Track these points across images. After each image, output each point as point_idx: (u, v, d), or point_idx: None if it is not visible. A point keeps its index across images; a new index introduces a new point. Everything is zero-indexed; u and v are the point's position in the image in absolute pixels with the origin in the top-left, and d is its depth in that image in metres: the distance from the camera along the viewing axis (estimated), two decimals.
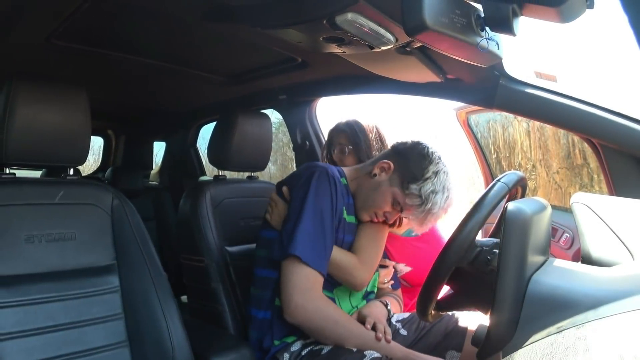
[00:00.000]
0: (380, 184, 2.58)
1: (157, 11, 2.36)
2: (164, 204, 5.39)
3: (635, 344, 1.16)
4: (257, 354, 2.53)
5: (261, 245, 2.70)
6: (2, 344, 1.96)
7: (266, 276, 2.60)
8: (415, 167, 2.51)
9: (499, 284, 1.50)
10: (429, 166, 2.49)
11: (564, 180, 4.64)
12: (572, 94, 2.28)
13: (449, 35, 1.61)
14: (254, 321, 2.62)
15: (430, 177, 2.47)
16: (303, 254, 2.33)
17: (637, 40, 0.88)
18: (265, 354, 2.52)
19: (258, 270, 2.67)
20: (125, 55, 3.11)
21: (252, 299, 2.69)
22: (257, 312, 2.61)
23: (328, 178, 2.49)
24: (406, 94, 3.01)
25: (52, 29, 2.60)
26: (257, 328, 2.60)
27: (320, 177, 2.48)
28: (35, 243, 2.16)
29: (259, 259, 2.69)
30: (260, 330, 2.57)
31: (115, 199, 2.42)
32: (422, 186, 2.46)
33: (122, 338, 2.26)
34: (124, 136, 6.12)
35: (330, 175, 2.51)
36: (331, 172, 2.53)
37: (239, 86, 3.72)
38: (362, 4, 1.85)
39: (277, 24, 2.16)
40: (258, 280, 2.65)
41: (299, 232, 2.35)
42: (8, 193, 2.16)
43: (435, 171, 2.48)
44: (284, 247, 2.39)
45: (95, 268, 2.29)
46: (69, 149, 2.28)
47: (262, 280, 2.63)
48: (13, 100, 2.09)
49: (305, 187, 2.46)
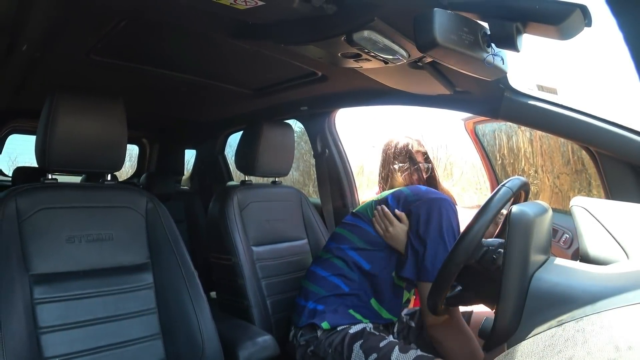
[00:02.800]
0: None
1: (189, 29, 2.37)
2: (195, 207, 5.39)
3: (629, 335, 1.16)
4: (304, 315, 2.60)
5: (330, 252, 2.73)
6: (45, 337, 1.98)
7: (325, 276, 2.66)
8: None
9: (504, 280, 1.50)
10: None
11: (564, 184, 4.63)
12: (571, 105, 2.28)
13: (457, 51, 1.61)
14: (300, 308, 2.67)
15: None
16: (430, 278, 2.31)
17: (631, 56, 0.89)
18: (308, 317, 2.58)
19: (318, 270, 2.71)
20: (159, 69, 3.12)
21: (302, 291, 2.73)
22: (305, 302, 2.64)
23: (453, 208, 2.55)
24: (418, 106, 3.00)
25: (92, 45, 2.62)
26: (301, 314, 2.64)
27: (449, 206, 2.53)
28: (75, 243, 2.17)
29: (323, 260, 2.74)
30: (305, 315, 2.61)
31: (150, 203, 2.44)
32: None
33: (155, 331, 2.28)
34: (158, 144, 6.13)
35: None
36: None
37: (264, 98, 3.72)
38: (378, 22, 1.86)
39: (299, 41, 2.16)
40: (319, 279, 2.69)
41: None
42: (51, 197, 2.18)
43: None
44: (424, 270, 2.42)
45: (131, 266, 2.30)
46: (106, 156, 2.29)
47: (321, 279, 2.67)
48: (55, 111, 2.11)
49: (439, 217, 2.48)
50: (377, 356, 2.30)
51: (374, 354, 2.31)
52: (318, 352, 2.49)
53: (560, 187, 4.67)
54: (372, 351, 2.33)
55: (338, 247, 2.68)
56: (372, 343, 2.37)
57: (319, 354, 2.49)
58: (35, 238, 2.09)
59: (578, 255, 1.78)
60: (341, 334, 2.47)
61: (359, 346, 2.38)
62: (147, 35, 2.56)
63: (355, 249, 2.64)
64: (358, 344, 2.39)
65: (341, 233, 2.74)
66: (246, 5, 1.84)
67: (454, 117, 3.94)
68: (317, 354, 2.50)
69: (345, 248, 2.66)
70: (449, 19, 1.58)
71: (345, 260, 2.63)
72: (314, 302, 2.61)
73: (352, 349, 2.38)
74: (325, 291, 2.61)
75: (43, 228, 2.11)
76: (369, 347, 2.36)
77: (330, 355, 2.44)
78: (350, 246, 2.65)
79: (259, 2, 1.81)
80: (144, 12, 2.17)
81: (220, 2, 1.80)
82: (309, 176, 7.04)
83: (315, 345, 2.50)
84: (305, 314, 2.59)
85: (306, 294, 2.67)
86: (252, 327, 2.75)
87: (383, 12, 1.81)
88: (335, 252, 2.68)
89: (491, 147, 4.35)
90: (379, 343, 2.36)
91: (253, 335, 2.54)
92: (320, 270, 2.69)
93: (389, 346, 2.33)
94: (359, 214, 2.75)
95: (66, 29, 2.35)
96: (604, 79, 3.02)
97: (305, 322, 2.57)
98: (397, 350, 2.29)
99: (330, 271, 2.65)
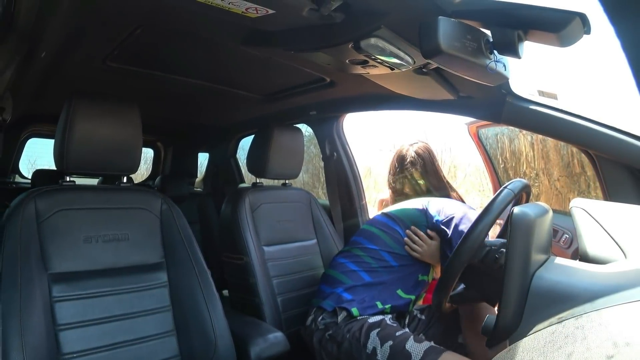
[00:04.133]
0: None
1: (202, 37, 2.38)
2: (208, 208, 5.40)
3: (627, 332, 1.16)
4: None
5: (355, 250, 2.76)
6: (63, 333, 1.99)
7: (354, 270, 2.70)
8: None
9: (506, 279, 1.50)
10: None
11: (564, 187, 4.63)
12: (571, 109, 2.28)
13: (461, 57, 1.62)
14: (324, 293, 2.71)
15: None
16: None
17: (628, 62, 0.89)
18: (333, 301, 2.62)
19: (347, 262, 2.74)
20: (173, 76, 3.13)
21: (327, 279, 2.77)
22: (332, 289, 2.68)
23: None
24: (423, 110, 3.00)
25: (108, 52, 2.63)
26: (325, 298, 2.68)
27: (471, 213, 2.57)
28: (92, 243, 2.19)
29: (352, 255, 2.77)
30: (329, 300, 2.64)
31: (164, 204, 2.45)
32: None
33: (170, 328, 2.29)
34: (172, 148, 6.14)
35: None
36: None
37: (274, 103, 3.73)
38: (384, 30, 1.86)
39: (308, 48, 2.17)
40: (348, 271, 2.72)
41: None
42: (69, 198, 2.20)
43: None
44: None
45: (146, 265, 2.32)
46: (122, 159, 2.31)
47: (350, 272, 2.70)
48: (73, 116, 2.13)
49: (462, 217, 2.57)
50: (393, 343, 2.33)
51: (390, 341, 2.34)
52: (336, 336, 2.51)
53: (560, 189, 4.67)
54: (388, 338, 2.36)
55: (370, 247, 2.71)
56: (389, 331, 2.40)
57: (336, 338, 2.51)
58: (54, 238, 2.10)
59: (577, 255, 1.78)
60: (360, 322, 2.50)
61: (376, 333, 2.41)
62: (162, 42, 2.57)
63: (388, 252, 2.67)
64: (375, 332, 2.41)
65: (373, 232, 2.76)
66: (257, 14, 1.85)
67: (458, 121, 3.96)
68: (334, 338, 2.52)
69: (378, 249, 2.69)
70: (453, 26, 1.59)
71: (376, 259, 2.67)
72: (342, 290, 2.63)
73: (369, 336, 2.41)
74: (353, 281, 2.64)
75: (61, 229, 2.13)
76: (386, 334, 2.39)
77: (347, 341, 2.47)
78: (383, 248, 2.69)
79: (269, 11, 1.82)
80: (159, 20, 2.18)
81: (233, 10, 1.81)
82: (318, 179, 7.05)
83: (334, 330, 2.53)
84: (331, 299, 2.62)
85: (332, 282, 2.70)
86: (263, 324, 2.76)
87: (389, 20, 1.82)
88: (366, 250, 2.71)
89: (494, 151, 4.36)
90: (395, 332, 2.39)
91: (264, 332, 2.54)
92: (349, 263, 2.72)
93: (404, 335, 2.36)
94: (394, 217, 2.77)
95: (83, 36, 2.36)
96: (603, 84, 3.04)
97: (333, 307, 2.59)
98: (411, 339, 2.32)
99: (360, 267, 2.68)
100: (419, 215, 2.70)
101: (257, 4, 1.77)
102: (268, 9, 1.81)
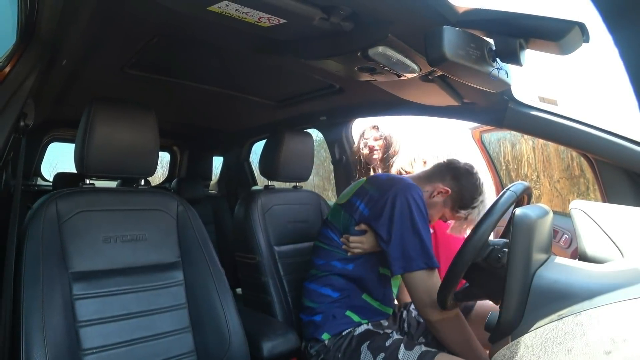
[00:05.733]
0: (435, 203, 2.60)
1: (216, 45, 2.39)
2: (222, 209, 5.41)
3: (625, 329, 1.17)
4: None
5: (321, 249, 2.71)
6: (84, 330, 2.01)
7: (315, 289, 2.67)
8: (468, 196, 2.56)
9: (508, 277, 1.50)
10: (478, 197, 2.55)
11: (564, 189, 4.63)
12: (570, 115, 2.28)
13: (465, 65, 1.63)
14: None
15: (477, 206, 2.54)
16: (420, 264, 2.35)
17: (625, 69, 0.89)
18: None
19: (310, 285, 2.70)
20: (188, 82, 3.15)
21: (302, 307, 2.74)
22: (306, 317, 2.66)
23: (412, 189, 2.48)
24: (428, 116, 3.01)
25: (126, 60, 2.65)
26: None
27: (407, 190, 2.46)
28: (111, 243, 2.21)
29: (311, 276, 2.73)
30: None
31: (180, 206, 2.46)
32: (469, 212, 2.54)
33: (185, 324, 2.30)
34: (188, 152, 6.17)
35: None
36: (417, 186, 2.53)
37: (286, 109, 3.75)
38: (391, 38, 1.87)
39: (319, 56, 2.17)
40: (311, 292, 2.69)
41: (411, 249, 2.35)
42: (88, 200, 2.21)
43: (482, 200, 2.55)
44: (409, 260, 2.36)
45: (162, 264, 2.33)
46: (140, 162, 2.32)
47: (312, 293, 2.68)
48: (93, 121, 2.15)
49: (401, 206, 2.42)
50: (385, 355, 2.29)
51: (382, 353, 2.30)
52: (329, 359, 2.48)
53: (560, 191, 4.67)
54: (380, 351, 2.31)
55: (322, 262, 2.66)
56: (378, 343, 2.36)
57: None
58: (74, 238, 2.12)
59: (577, 255, 1.79)
60: (347, 337, 2.46)
61: (366, 347, 2.37)
62: (178, 50, 2.58)
63: (338, 259, 2.61)
64: (365, 345, 2.38)
65: (318, 246, 2.72)
66: (269, 23, 1.86)
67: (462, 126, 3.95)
68: None
69: (329, 261, 2.63)
70: (457, 35, 1.59)
71: (331, 271, 2.61)
72: (311, 316, 2.61)
73: (360, 351, 2.37)
74: (318, 302, 2.61)
75: (81, 229, 2.15)
76: (376, 347, 2.34)
77: None
78: (331, 259, 2.63)
79: (281, 20, 1.83)
80: (175, 29, 2.20)
81: (246, 20, 1.82)
82: (329, 181, 7.06)
83: (325, 353, 2.50)
84: (308, 328, 2.60)
85: (304, 309, 2.68)
86: (274, 321, 2.79)
87: (396, 29, 1.82)
88: (320, 267, 2.66)
89: (496, 154, 4.37)
90: (385, 342, 2.35)
91: (276, 329, 2.58)
92: (311, 284, 2.69)
93: (394, 345, 2.31)
94: (329, 224, 2.71)
95: (103, 45, 2.38)
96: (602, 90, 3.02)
97: (310, 336, 2.57)
98: (402, 348, 2.27)
99: (319, 283, 2.65)
100: (345, 216, 2.63)
101: (270, 14, 1.78)
102: (280, 19, 1.82)
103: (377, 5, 1.70)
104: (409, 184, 2.48)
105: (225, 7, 1.71)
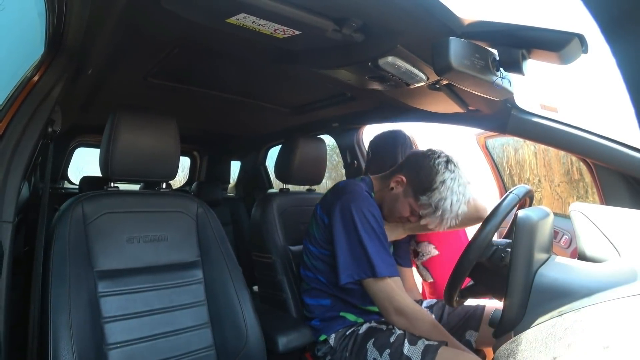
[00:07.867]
0: (397, 196, 2.54)
1: (235, 55, 2.40)
2: (239, 211, 5.43)
3: (622, 325, 1.17)
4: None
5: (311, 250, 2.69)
6: (108, 325, 2.04)
7: (309, 302, 2.71)
8: (424, 179, 2.44)
9: (511, 276, 1.51)
10: (435, 177, 2.41)
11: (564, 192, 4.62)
12: (570, 122, 2.28)
13: (470, 74, 1.63)
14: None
15: (437, 187, 2.40)
16: (380, 271, 2.34)
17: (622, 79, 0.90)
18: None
19: (305, 298, 2.74)
20: (208, 90, 3.16)
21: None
22: (307, 322, 2.69)
23: (356, 197, 2.48)
24: (435, 122, 3.01)
25: (149, 69, 2.67)
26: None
27: (350, 199, 2.46)
28: (134, 243, 2.23)
29: (303, 289, 2.76)
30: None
31: (200, 208, 2.49)
32: (430, 196, 2.41)
33: (205, 320, 2.32)
34: (207, 156, 6.20)
35: (364, 196, 2.50)
36: (364, 194, 2.52)
37: (300, 116, 3.75)
38: (400, 49, 1.88)
39: (331, 66, 2.19)
40: (307, 305, 2.73)
41: (372, 255, 2.34)
42: (113, 202, 2.24)
43: (442, 180, 2.40)
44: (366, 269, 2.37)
45: (183, 263, 2.36)
46: (162, 166, 2.34)
47: (308, 306, 2.71)
48: (117, 128, 2.17)
49: (342, 217, 2.44)
50: (391, 351, 2.28)
51: (387, 349, 2.30)
52: (337, 359, 2.49)
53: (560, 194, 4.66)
54: (385, 347, 2.31)
55: (311, 275, 2.69)
56: (383, 340, 2.35)
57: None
58: (99, 239, 2.14)
59: (576, 254, 1.79)
60: (352, 337, 2.48)
61: (372, 344, 2.37)
62: (198, 60, 2.60)
63: (321, 273, 2.62)
64: (370, 343, 2.38)
65: (307, 261, 2.72)
66: (284, 35, 1.87)
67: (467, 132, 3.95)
68: None
69: (316, 275, 2.65)
70: (463, 46, 1.60)
71: (320, 282, 2.63)
72: (309, 322, 2.65)
73: (366, 348, 2.37)
74: (314, 313, 2.65)
75: (106, 230, 2.17)
76: (381, 344, 2.34)
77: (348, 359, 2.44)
78: (316, 272, 2.65)
79: (296, 32, 1.84)
80: (195, 40, 2.21)
81: (262, 31, 1.83)
82: None
83: (332, 354, 2.50)
84: (312, 333, 2.61)
85: (304, 317, 2.73)
86: (289, 317, 2.81)
87: (405, 40, 1.83)
88: (311, 282, 2.69)
89: (500, 159, 4.36)
90: (389, 339, 2.34)
91: (290, 325, 2.62)
92: (305, 298, 2.71)
93: (398, 340, 2.31)
94: (309, 236, 2.71)
95: (126, 55, 2.40)
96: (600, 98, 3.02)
97: (314, 339, 2.59)
98: (406, 343, 2.27)
99: (310, 296, 2.68)
100: (314, 224, 2.65)
101: (285, 26, 1.79)
102: (295, 30, 1.83)
103: (387, 17, 1.71)
104: (354, 195, 2.49)
105: (243, 20, 1.72)
